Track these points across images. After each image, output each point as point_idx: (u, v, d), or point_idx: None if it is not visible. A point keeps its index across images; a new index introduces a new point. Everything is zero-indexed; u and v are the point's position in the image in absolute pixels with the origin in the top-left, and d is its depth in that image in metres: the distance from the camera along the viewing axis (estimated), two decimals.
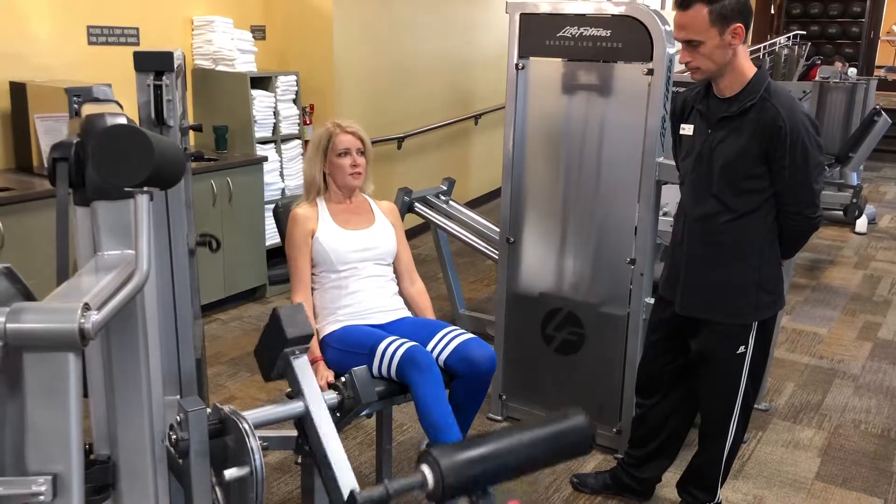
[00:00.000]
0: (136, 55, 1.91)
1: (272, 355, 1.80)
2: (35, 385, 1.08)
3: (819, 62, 12.21)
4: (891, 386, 4.18)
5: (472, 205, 7.07)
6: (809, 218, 2.48)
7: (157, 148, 1.14)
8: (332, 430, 1.68)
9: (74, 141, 1.37)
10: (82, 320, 1.05)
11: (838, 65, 11.83)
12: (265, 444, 1.71)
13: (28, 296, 1.23)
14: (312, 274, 2.83)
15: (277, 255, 4.81)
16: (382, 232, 2.89)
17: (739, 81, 2.43)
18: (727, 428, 2.68)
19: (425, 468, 1.28)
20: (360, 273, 2.80)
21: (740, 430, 2.72)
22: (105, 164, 1.15)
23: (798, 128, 2.36)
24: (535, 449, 1.36)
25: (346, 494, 1.54)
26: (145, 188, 1.18)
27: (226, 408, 1.59)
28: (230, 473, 1.51)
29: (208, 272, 4.67)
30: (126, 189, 1.18)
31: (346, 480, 1.59)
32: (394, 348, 2.55)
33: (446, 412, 2.50)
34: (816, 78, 7.66)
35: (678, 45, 2.63)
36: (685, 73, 3.10)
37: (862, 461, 3.42)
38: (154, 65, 1.89)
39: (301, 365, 1.78)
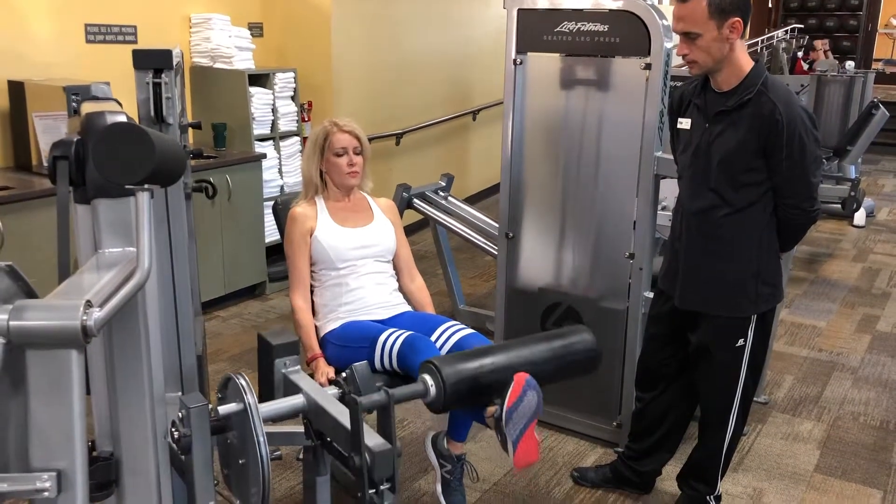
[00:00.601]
0: (135, 53, 1.91)
1: (268, 374, 1.82)
2: (38, 382, 1.08)
3: (801, 54, 12.22)
4: (889, 378, 4.19)
5: (472, 200, 7.07)
6: (807, 211, 2.49)
7: (157, 145, 1.15)
8: (337, 405, 1.67)
9: (75, 139, 1.37)
10: (84, 317, 1.06)
11: (819, 44, 11.85)
12: (277, 452, 1.72)
13: (30, 293, 1.23)
14: (312, 272, 2.84)
15: (277, 252, 4.81)
16: (381, 229, 2.90)
17: (737, 75, 2.43)
18: (727, 421, 2.69)
19: (427, 377, 1.26)
20: (360, 270, 2.81)
21: (740, 423, 2.73)
22: (106, 162, 1.16)
23: (795, 121, 2.36)
24: (540, 363, 1.34)
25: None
26: (146, 186, 1.19)
27: (238, 379, 1.59)
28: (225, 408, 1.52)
29: (208, 269, 4.68)
30: (127, 187, 1.18)
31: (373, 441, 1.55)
32: (394, 339, 2.56)
33: None
34: (806, 69, 7.67)
35: (676, 39, 2.63)
36: (683, 67, 3.11)
37: (861, 453, 3.43)
38: (153, 62, 1.90)
39: (293, 371, 1.80)
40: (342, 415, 1.58)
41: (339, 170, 2.83)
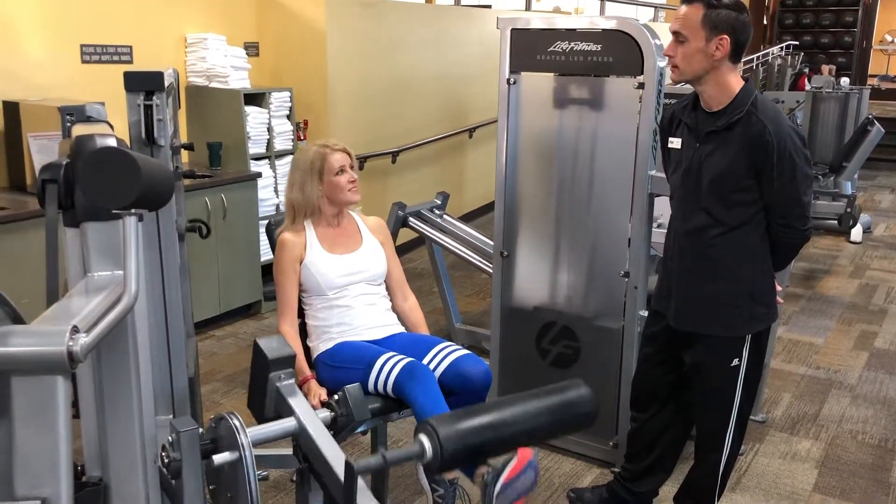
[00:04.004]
0: (127, 75, 1.91)
1: (261, 386, 1.81)
2: (23, 408, 1.07)
3: (807, 70, 12.27)
4: (888, 396, 4.18)
5: (468, 218, 7.08)
6: (800, 230, 2.48)
7: (144, 170, 1.14)
8: (328, 438, 1.67)
9: (64, 162, 1.37)
10: (70, 343, 1.05)
11: (825, 69, 11.91)
12: (263, 474, 1.71)
13: (16, 318, 1.22)
14: (302, 297, 2.83)
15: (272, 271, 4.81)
16: (371, 254, 2.89)
17: (726, 95, 2.44)
18: (723, 441, 2.67)
19: (423, 437, 1.25)
20: (351, 293, 2.80)
21: (736, 443, 2.71)
22: (93, 186, 1.15)
23: (785, 141, 2.37)
24: (536, 420, 1.33)
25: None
26: (133, 210, 1.18)
27: (229, 418, 1.58)
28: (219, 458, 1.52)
29: (203, 289, 4.67)
30: (114, 211, 1.18)
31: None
32: (392, 364, 2.54)
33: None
34: (807, 87, 7.70)
35: (666, 59, 2.65)
36: (676, 86, 3.12)
37: (860, 472, 3.41)
38: (144, 84, 1.90)
39: (287, 387, 1.78)
40: (335, 458, 1.58)
41: (341, 188, 2.82)
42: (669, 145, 2.64)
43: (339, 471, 1.56)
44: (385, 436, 2.88)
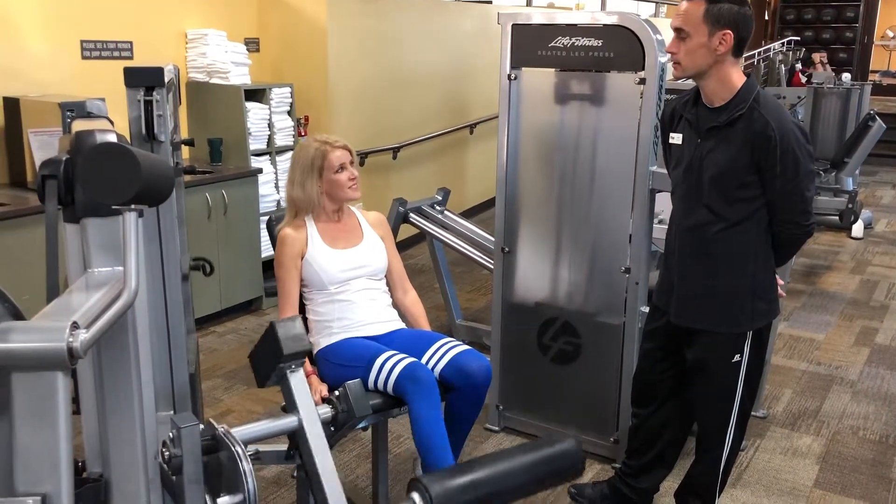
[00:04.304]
0: (127, 71, 1.90)
1: (267, 368, 1.80)
2: (23, 405, 1.07)
3: (799, 66, 12.25)
4: (889, 392, 4.18)
5: (469, 214, 7.07)
6: (803, 226, 2.48)
7: (144, 165, 1.14)
8: (325, 449, 1.67)
9: (64, 158, 1.37)
10: (70, 339, 1.05)
11: (816, 57, 11.90)
12: (257, 456, 1.70)
13: (17, 315, 1.22)
14: (304, 292, 2.83)
15: (273, 267, 4.81)
16: (372, 249, 2.89)
17: (728, 90, 2.43)
18: (724, 437, 2.67)
19: (416, 496, 1.28)
20: (352, 288, 2.80)
21: (737, 439, 2.71)
22: (92, 182, 1.15)
23: (788, 137, 2.36)
24: (526, 475, 1.36)
25: None
26: (133, 206, 1.18)
27: (220, 429, 1.58)
28: (223, 502, 1.51)
29: (204, 285, 4.66)
30: (114, 207, 1.18)
31: (336, 501, 1.59)
32: (392, 363, 2.54)
33: (442, 434, 2.50)
34: (804, 81, 7.69)
35: (668, 55, 2.64)
36: (678, 81, 3.11)
37: (860, 468, 3.41)
38: (144, 80, 1.89)
39: (297, 380, 1.78)
40: (326, 470, 1.60)
41: (342, 185, 2.82)
42: (670, 141, 2.63)
43: (330, 493, 1.58)
44: (386, 432, 2.88)
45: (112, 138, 1.36)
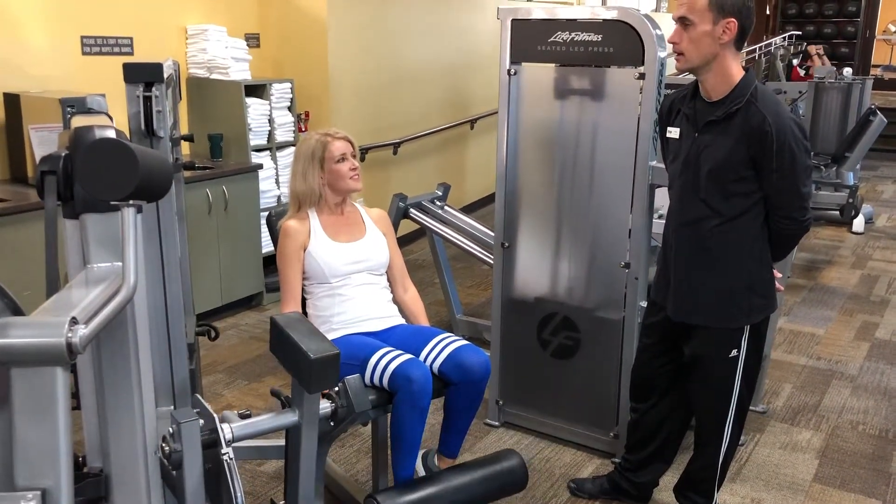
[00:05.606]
0: (126, 66, 1.91)
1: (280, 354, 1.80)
2: (22, 400, 1.08)
3: (795, 62, 12.24)
4: (888, 386, 4.18)
5: (469, 209, 7.07)
6: (799, 221, 2.48)
7: (142, 161, 1.14)
8: (311, 452, 1.68)
9: (63, 154, 1.37)
10: (69, 334, 1.05)
11: (812, 49, 11.88)
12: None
13: (16, 310, 1.23)
14: (305, 285, 2.84)
15: (274, 263, 4.81)
16: (374, 243, 2.90)
17: (727, 84, 2.43)
18: (722, 431, 2.67)
19: None
20: (353, 282, 2.80)
21: (736, 434, 2.71)
22: (91, 177, 1.16)
23: (785, 131, 2.36)
24: (472, 489, 1.40)
25: None
26: (131, 201, 1.18)
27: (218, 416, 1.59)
28: None
29: (205, 280, 4.68)
30: (112, 202, 1.18)
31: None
32: (388, 359, 2.53)
33: (414, 443, 2.51)
34: (803, 75, 7.67)
35: (669, 49, 2.64)
36: (678, 77, 3.11)
37: (860, 462, 3.42)
38: (144, 76, 1.89)
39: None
40: (306, 474, 1.62)
41: (343, 176, 2.83)
42: (667, 135, 2.63)
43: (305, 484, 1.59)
44: (386, 427, 2.88)
45: (110, 134, 1.36)
